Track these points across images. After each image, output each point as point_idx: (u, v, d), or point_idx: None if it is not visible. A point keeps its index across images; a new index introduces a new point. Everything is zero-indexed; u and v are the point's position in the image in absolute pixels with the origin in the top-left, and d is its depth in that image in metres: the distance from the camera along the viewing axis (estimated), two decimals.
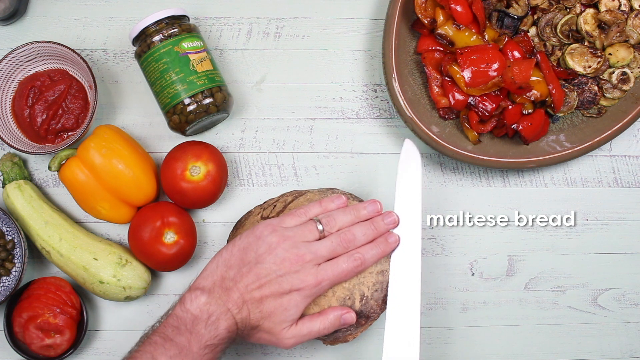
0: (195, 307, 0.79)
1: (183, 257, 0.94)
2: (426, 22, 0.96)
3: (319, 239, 0.84)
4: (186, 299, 0.80)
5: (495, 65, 0.94)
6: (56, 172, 0.96)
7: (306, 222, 0.85)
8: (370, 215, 0.87)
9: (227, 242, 0.96)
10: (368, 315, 0.87)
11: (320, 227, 0.84)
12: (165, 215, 0.93)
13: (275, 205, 0.92)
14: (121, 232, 0.98)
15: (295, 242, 0.82)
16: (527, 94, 0.94)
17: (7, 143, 0.93)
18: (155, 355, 0.75)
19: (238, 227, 0.94)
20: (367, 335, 0.98)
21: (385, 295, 0.87)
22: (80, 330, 0.94)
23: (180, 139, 0.99)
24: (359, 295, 0.85)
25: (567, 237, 1.02)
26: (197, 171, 0.92)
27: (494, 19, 0.97)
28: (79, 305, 0.94)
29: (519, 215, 1.02)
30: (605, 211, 1.03)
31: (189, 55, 0.92)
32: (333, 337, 0.88)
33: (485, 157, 0.96)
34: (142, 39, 0.93)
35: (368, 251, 0.84)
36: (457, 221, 1.01)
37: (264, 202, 0.95)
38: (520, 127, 0.95)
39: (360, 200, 0.92)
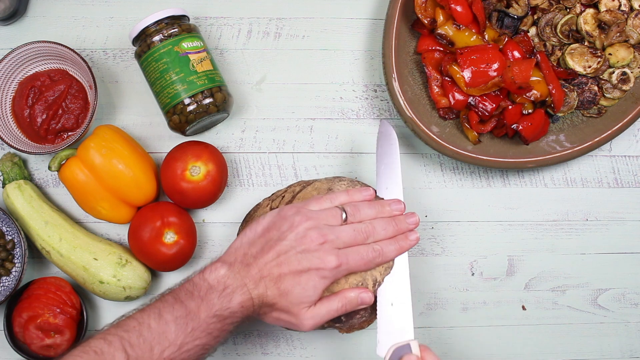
0: (213, 277, 0.79)
1: (183, 257, 0.94)
2: (426, 22, 0.96)
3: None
4: (206, 270, 0.80)
5: (495, 65, 0.94)
6: (56, 172, 0.96)
7: (331, 207, 0.85)
8: (393, 213, 0.87)
9: (237, 236, 0.96)
10: None
11: (344, 215, 0.84)
12: (165, 215, 0.93)
13: (283, 196, 0.92)
14: (121, 232, 0.98)
15: (318, 223, 0.82)
16: (527, 94, 0.94)
17: (7, 143, 0.93)
18: (163, 312, 0.77)
19: (248, 220, 0.94)
20: (370, 329, 0.98)
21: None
22: (80, 330, 0.94)
23: (180, 139, 0.99)
24: (372, 280, 0.85)
25: (567, 237, 1.02)
26: (197, 171, 0.92)
27: (494, 19, 0.97)
28: (79, 305, 0.94)
29: (519, 215, 1.02)
30: (605, 211, 1.03)
31: (189, 55, 0.92)
32: (349, 324, 0.87)
33: (485, 157, 0.96)
34: (142, 39, 0.93)
35: (387, 245, 0.84)
36: (457, 221, 1.01)
37: (272, 194, 0.95)
38: (520, 127, 0.95)
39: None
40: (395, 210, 0.87)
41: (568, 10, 0.98)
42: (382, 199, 0.91)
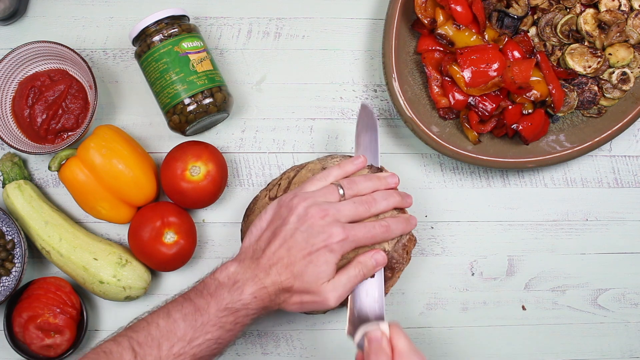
0: (223, 275, 0.80)
1: (183, 257, 0.94)
2: (426, 22, 0.96)
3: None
4: (217, 270, 0.81)
5: (495, 65, 0.94)
6: (56, 172, 0.96)
7: (327, 185, 0.84)
8: (390, 186, 0.87)
9: (241, 231, 0.96)
10: (393, 267, 0.86)
11: (341, 191, 0.83)
12: (165, 215, 0.93)
13: (279, 184, 0.92)
14: (121, 232, 0.98)
15: (317, 201, 0.82)
16: (527, 94, 0.94)
17: (7, 143, 0.93)
18: (171, 311, 0.77)
19: (249, 214, 0.94)
20: None
21: (405, 245, 0.87)
22: (80, 330, 0.94)
23: (180, 139, 0.99)
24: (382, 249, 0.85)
25: (567, 237, 1.02)
26: (197, 171, 0.92)
27: (494, 19, 0.97)
28: (79, 305, 0.94)
29: (519, 215, 1.02)
30: (605, 211, 1.03)
31: (189, 55, 0.92)
32: None
33: (485, 157, 0.96)
34: (142, 39, 0.93)
35: (394, 223, 0.84)
36: (457, 221, 1.01)
37: (268, 184, 0.95)
38: (520, 127, 0.95)
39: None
40: (392, 183, 0.87)
41: (568, 10, 0.98)
42: (379, 169, 0.90)
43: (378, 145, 0.90)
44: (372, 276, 0.85)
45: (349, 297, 0.84)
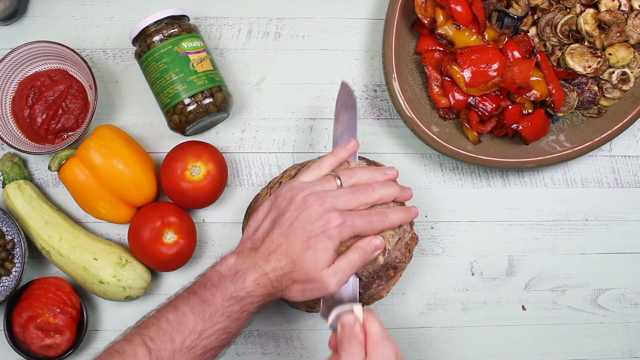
0: (224, 267, 0.80)
1: (183, 257, 0.94)
2: (426, 22, 0.96)
3: None
4: (217, 263, 0.81)
5: (495, 65, 0.94)
6: (56, 172, 0.96)
7: (325, 175, 0.85)
8: (389, 177, 0.86)
9: (242, 231, 0.96)
10: (395, 265, 0.86)
11: (338, 181, 0.83)
12: (165, 215, 0.93)
13: (281, 182, 0.92)
14: (121, 232, 0.98)
15: (315, 190, 0.82)
16: (527, 94, 0.94)
17: (7, 143, 0.93)
18: (179, 305, 0.77)
19: (250, 213, 0.94)
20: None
21: (407, 243, 0.87)
22: (80, 330, 0.94)
23: (180, 139, 0.99)
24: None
25: (567, 237, 1.02)
26: (197, 171, 0.92)
27: (494, 19, 0.97)
28: (79, 305, 0.94)
29: (519, 215, 1.02)
30: (605, 211, 1.03)
31: (189, 55, 0.92)
32: (367, 295, 0.87)
33: (485, 157, 0.96)
34: (142, 39, 0.93)
35: (392, 211, 0.84)
36: (457, 221, 1.01)
37: (269, 182, 0.95)
38: (520, 127, 0.95)
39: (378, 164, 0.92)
40: (390, 174, 0.86)
41: (568, 10, 0.98)
42: (380, 164, 0.90)
43: (357, 123, 0.90)
44: None
45: None
